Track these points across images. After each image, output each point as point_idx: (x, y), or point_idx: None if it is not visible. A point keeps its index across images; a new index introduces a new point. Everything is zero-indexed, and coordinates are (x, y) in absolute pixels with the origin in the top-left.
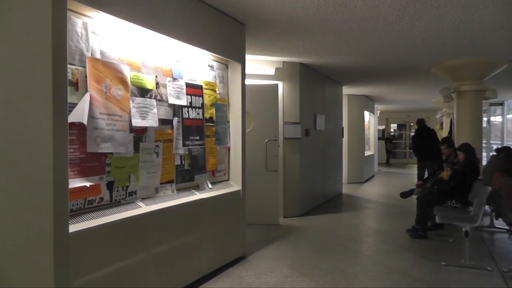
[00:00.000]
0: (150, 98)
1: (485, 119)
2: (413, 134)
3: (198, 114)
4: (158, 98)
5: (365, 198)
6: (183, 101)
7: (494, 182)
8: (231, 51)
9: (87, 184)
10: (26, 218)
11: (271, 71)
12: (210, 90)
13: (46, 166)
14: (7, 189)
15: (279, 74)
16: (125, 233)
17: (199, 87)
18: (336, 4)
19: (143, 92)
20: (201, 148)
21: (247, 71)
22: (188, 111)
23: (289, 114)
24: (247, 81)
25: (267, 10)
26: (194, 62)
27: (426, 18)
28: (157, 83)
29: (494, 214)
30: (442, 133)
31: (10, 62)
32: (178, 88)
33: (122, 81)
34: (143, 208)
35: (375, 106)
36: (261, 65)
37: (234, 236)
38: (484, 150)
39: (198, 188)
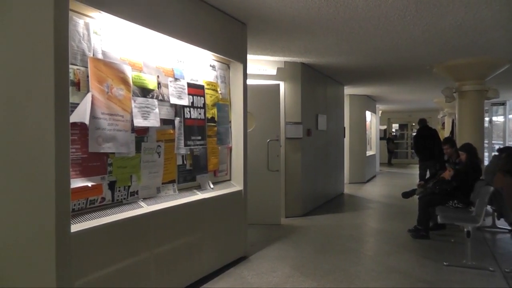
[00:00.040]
0: (152, 98)
1: (487, 119)
2: (414, 134)
3: (199, 114)
4: (160, 98)
5: (366, 198)
6: (185, 101)
7: (496, 182)
8: (233, 51)
9: (89, 184)
10: (28, 218)
11: (273, 71)
12: (212, 90)
13: (48, 166)
14: (9, 189)
15: (281, 74)
16: (127, 233)
17: (201, 87)
18: (337, 3)
19: (145, 92)
20: (202, 148)
21: (249, 71)
22: (189, 111)
23: (290, 114)
24: (249, 81)
25: (269, 10)
26: (195, 62)
27: (428, 18)
28: (158, 83)
29: (496, 214)
30: (444, 133)
31: (12, 62)
32: (180, 88)
33: (124, 81)
34: (145, 208)
35: (377, 106)
36: (262, 65)
37: (236, 236)
38: (486, 150)
39: (199, 188)
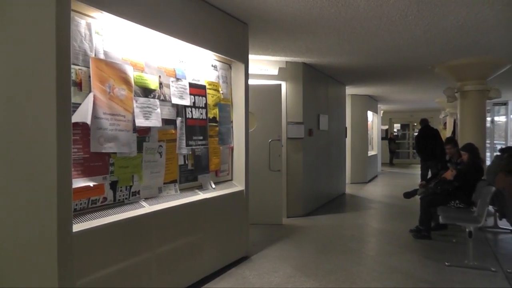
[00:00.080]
0: (154, 98)
1: (488, 119)
2: (416, 134)
3: (201, 114)
4: (162, 98)
5: (368, 198)
6: (187, 101)
7: (498, 182)
8: (234, 51)
9: (91, 184)
10: (30, 217)
11: (274, 71)
12: (213, 90)
13: (50, 166)
14: (11, 189)
15: (282, 74)
16: (128, 232)
17: (203, 87)
18: (339, 3)
19: (147, 92)
20: (204, 148)
21: (250, 71)
22: (191, 111)
23: (292, 114)
24: (250, 81)
25: (270, 10)
26: (197, 62)
27: (430, 18)
28: (160, 83)
29: (498, 214)
30: (446, 133)
31: (14, 62)
32: (182, 88)
33: (126, 81)
34: (147, 208)
35: (378, 106)
36: (264, 65)
37: (237, 236)
38: (488, 150)
39: (201, 188)
